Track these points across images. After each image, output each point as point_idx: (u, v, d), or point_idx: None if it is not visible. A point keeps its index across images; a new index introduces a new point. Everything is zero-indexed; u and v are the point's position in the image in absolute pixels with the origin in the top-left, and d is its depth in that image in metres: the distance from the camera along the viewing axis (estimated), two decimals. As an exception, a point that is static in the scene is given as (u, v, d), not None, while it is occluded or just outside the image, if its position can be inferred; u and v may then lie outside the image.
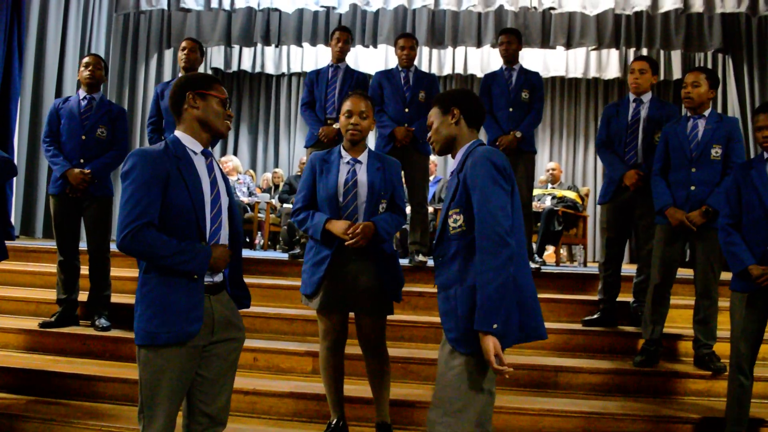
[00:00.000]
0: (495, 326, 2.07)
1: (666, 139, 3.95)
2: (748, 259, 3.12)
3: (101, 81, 4.40)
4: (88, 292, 4.33)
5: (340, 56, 5.18)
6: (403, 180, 4.70)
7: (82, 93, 4.35)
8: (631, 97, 4.33)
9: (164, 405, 2.18)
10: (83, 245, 4.36)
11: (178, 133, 2.31)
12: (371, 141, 6.77)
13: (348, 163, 3.10)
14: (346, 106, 3.10)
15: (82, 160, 4.22)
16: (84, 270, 4.35)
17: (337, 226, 2.98)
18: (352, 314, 3.14)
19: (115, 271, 4.46)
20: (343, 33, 5.23)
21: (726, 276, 3.36)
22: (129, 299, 4.50)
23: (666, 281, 3.90)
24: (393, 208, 3.13)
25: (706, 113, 3.89)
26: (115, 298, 4.40)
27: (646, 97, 4.30)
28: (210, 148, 2.39)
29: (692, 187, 3.79)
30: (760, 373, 3.46)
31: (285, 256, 5.36)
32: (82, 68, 4.37)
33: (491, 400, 2.23)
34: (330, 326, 3.12)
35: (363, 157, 3.12)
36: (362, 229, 2.94)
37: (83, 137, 4.24)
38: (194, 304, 2.21)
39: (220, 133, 2.36)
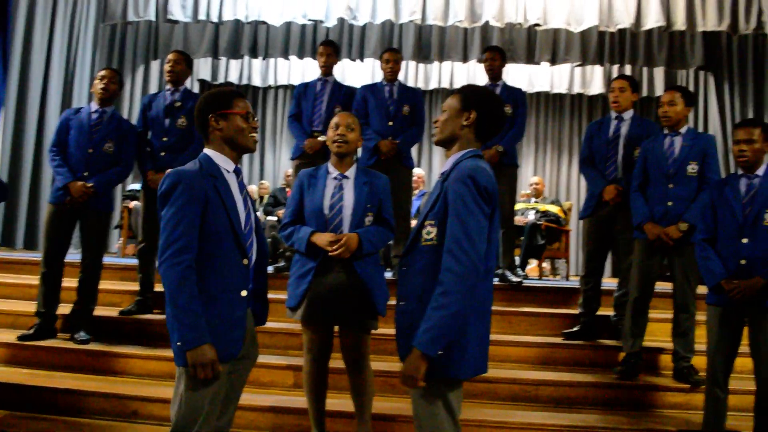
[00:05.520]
0: (439, 352, 2.00)
1: (644, 155, 4.03)
2: (722, 274, 3.18)
3: (114, 95, 4.41)
4: (71, 305, 4.29)
5: (326, 70, 5.21)
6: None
7: (94, 106, 4.34)
8: (613, 114, 4.41)
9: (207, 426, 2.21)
10: (69, 258, 4.33)
11: (208, 151, 2.33)
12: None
13: (335, 178, 3.12)
14: (334, 120, 3.15)
15: (86, 173, 4.21)
16: (67, 282, 4.31)
17: (322, 239, 3.00)
18: (337, 328, 3.14)
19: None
20: (327, 47, 5.26)
21: (703, 290, 3.41)
22: (110, 312, 4.50)
23: (645, 295, 3.95)
24: (380, 222, 3.14)
25: (683, 130, 3.96)
26: (96, 311, 4.36)
27: (627, 115, 4.38)
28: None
29: (669, 203, 3.85)
30: (738, 386, 3.50)
31: (269, 269, 5.36)
32: (96, 81, 4.36)
33: (454, 419, 2.15)
34: (314, 339, 3.13)
35: (350, 172, 3.15)
36: (346, 241, 2.95)
37: (90, 150, 4.23)
38: (237, 322, 2.26)
39: (248, 149, 2.38)
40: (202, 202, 2.18)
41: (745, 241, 3.15)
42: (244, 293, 2.28)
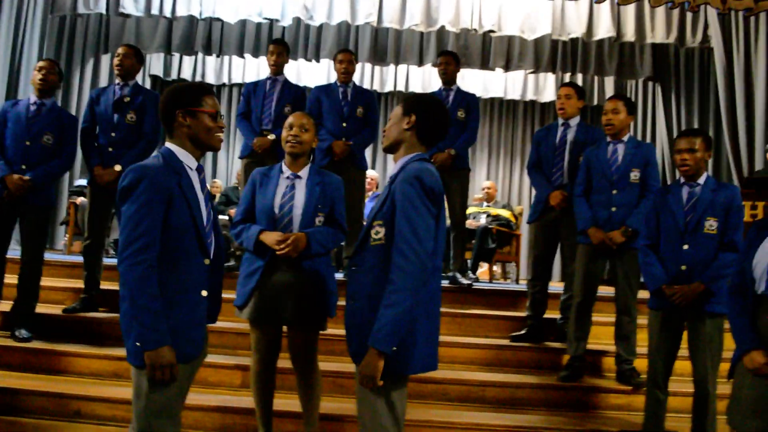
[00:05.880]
0: (394, 348, 2.07)
1: (588, 162, 4.12)
2: (663, 279, 3.28)
3: (55, 86, 4.31)
4: (11, 302, 4.17)
5: (276, 69, 5.19)
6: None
7: (33, 98, 4.23)
8: (560, 121, 4.51)
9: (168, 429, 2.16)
10: (11, 254, 4.22)
11: (171, 146, 2.25)
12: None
13: (288, 178, 3.10)
14: (289, 120, 3.14)
15: (24, 166, 4.09)
16: (9, 279, 4.19)
17: (270, 237, 2.98)
18: (286, 328, 3.12)
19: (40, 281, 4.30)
20: (278, 46, 5.25)
21: (645, 294, 3.51)
22: (52, 309, 4.38)
23: (588, 298, 4.04)
24: (332, 223, 3.13)
25: (625, 138, 4.07)
26: (38, 308, 4.24)
27: (574, 122, 4.48)
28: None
29: (613, 209, 3.94)
30: (677, 389, 3.60)
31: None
32: (35, 72, 4.25)
33: (396, 416, 2.20)
34: (262, 338, 3.11)
35: (303, 172, 3.13)
36: (293, 240, 2.93)
37: (28, 143, 4.12)
38: (198, 321, 2.22)
39: (213, 148, 2.33)
40: (165, 199, 2.11)
41: (686, 247, 3.26)
42: (204, 293, 2.23)
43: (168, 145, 2.26)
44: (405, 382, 2.22)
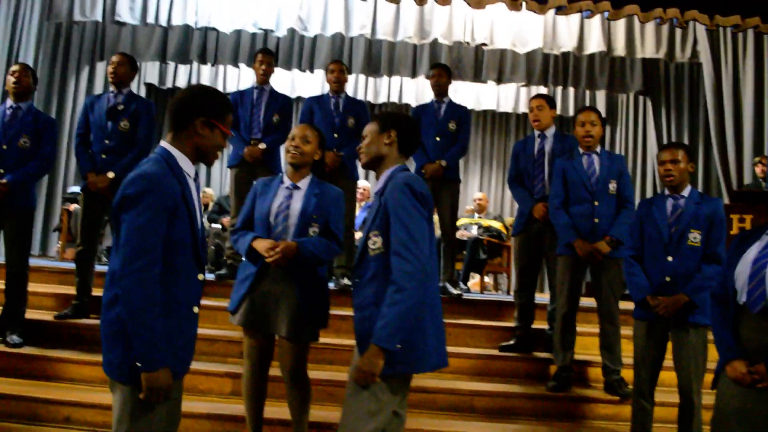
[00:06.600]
0: (398, 346, 2.14)
1: (563, 173, 4.13)
2: (647, 290, 3.32)
3: (29, 89, 4.31)
4: (1, 308, 4.18)
5: (263, 79, 5.23)
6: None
7: (9, 102, 4.25)
8: (536, 132, 4.56)
9: None
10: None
11: (172, 149, 2.11)
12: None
13: (287, 188, 3.13)
14: (292, 131, 3.17)
15: (1, 170, 4.10)
16: (-1, 284, 4.21)
17: (261, 244, 2.99)
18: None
19: (29, 286, 4.30)
20: (267, 56, 5.29)
21: (629, 305, 3.55)
22: (43, 315, 4.39)
23: (573, 309, 4.07)
24: (327, 234, 3.13)
25: (598, 150, 4.14)
26: (29, 314, 4.26)
27: (549, 132, 4.54)
28: None
29: (596, 220, 3.98)
30: (664, 399, 3.63)
31: (212, 276, 5.33)
32: (8, 77, 4.27)
33: (401, 422, 2.30)
34: (253, 345, 3.12)
35: (303, 183, 3.15)
36: (283, 248, 2.95)
37: (4, 146, 4.13)
38: (190, 340, 2.14)
39: (208, 164, 2.25)
40: (170, 212, 2.00)
41: (670, 259, 3.31)
42: (196, 310, 2.15)
43: (167, 146, 2.12)
44: (408, 385, 2.31)
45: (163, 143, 2.14)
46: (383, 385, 2.22)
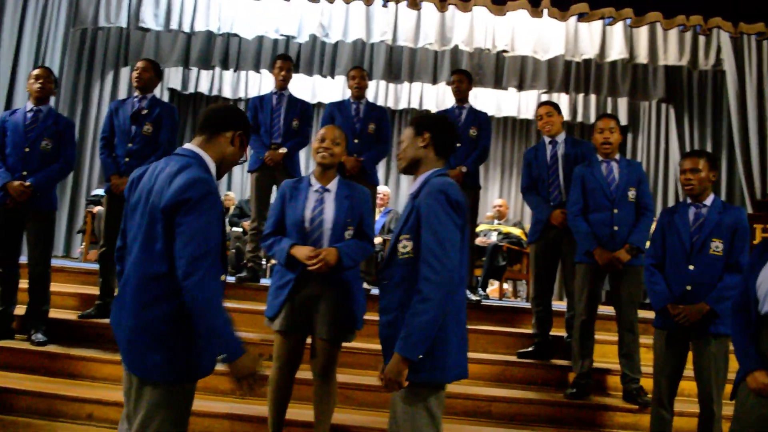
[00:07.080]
0: (420, 357, 2.13)
1: (582, 181, 4.12)
2: (668, 298, 3.31)
3: (51, 94, 4.40)
4: (26, 306, 4.25)
5: (282, 84, 5.29)
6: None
7: (30, 105, 4.33)
8: (546, 139, 4.55)
9: None
10: (24, 258, 4.31)
11: (203, 154, 2.18)
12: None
13: (317, 191, 3.16)
14: (320, 133, 3.20)
15: (24, 173, 4.18)
16: (23, 283, 4.28)
17: (301, 252, 3.02)
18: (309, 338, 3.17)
19: (54, 287, 4.39)
20: (285, 62, 5.35)
21: (649, 314, 3.53)
22: (67, 315, 4.46)
23: (591, 317, 4.06)
24: (360, 236, 3.17)
25: (617, 157, 4.12)
26: (53, 314, 4.34)
27: (560, 138, 4.54)
28: None
29: (615, 227, 3.97)
30: (684, 409, 3.61)
31: (232, 279, 5.38)
32: (31, 80, 4.35)
33: (435, 423, 2.25)
34: (286, 348, 3.15)
35: (332, 185, 3.18)
36: (325, 255, 2.98)
37: (27, 149, 4.22)
38: None
39: (220, 176, 2.29)
40: (221, 213, 2.11)
41: (691, 267, 3.29)
42: None
43: (197, 150, 2.19)
44: (443, 389, 2.28)
45: (192, 147, 2.20)
46: (423, 393, 2.21)
